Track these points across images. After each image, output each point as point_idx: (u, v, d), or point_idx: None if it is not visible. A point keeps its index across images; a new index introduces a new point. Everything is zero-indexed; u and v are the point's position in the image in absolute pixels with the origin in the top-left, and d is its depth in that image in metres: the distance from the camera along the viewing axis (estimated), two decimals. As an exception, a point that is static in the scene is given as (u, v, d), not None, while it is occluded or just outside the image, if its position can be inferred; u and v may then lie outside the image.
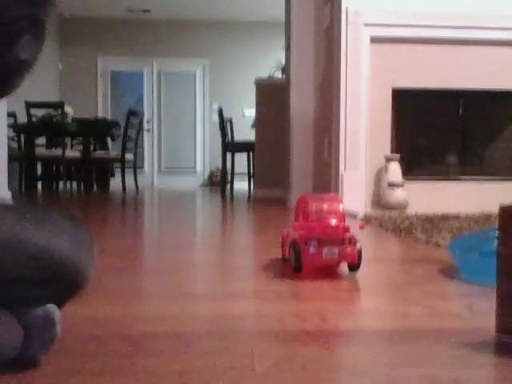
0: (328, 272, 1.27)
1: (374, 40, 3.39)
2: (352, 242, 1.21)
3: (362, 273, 1.29)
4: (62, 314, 0.89)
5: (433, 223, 2.30)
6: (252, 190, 5.91)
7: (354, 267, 1.25)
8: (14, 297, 0.66)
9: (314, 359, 0.68)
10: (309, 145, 4.25)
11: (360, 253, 1.22)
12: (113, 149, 7.21)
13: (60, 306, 0.70)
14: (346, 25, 3.35)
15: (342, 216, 1.27)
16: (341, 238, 1.21)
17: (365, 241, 1.96)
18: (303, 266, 1.21)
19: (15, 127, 6.03)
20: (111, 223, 2.60)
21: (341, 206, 1.28)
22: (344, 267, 1.29)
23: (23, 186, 6.29)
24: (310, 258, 1.20)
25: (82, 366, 0.65)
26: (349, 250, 1.20)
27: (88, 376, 0.62)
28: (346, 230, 1.24)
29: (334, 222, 1.25)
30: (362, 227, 1.32)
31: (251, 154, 6.04)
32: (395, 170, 3.36)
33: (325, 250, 1.19)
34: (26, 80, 0.78)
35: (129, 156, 6.62)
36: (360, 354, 0.71)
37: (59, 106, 5.90)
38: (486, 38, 3.40)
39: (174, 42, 9.23)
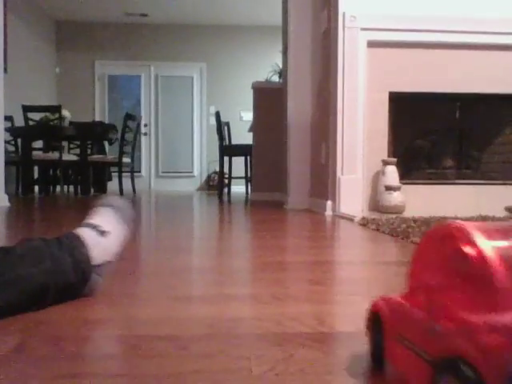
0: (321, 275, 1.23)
1: (371, 44, 3.40)
2: None
3: (358, 275, 1.29)
4: (61, 317, 0.88)
5: (430, 226, 2.30)
6: (249, 194, 5.92)
7: None
8: None
9: (311, 362, 0.68)
10: (306, 148, 4.26)
11: None
12: (110, 152, 7.21)
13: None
14: (343, 29, 3.36)
15: None
16: None
17: (362, 244, 1.96)
18: None
19: (12, 131, 6.03)
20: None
21: None
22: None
23: (20, 190, 6.28)
24: None
25: (78, 369, 0.65)
26: None
27: (85, 379, 0.62)
28: None
29: None
30: None
31: (249, 157, 6.05)
32: (392, 174, 3.36)
33: None
34: (23, 83, 0.88)
35: (126, 159, 6.62)
36: (358, 356, 0.71)
37: (56, 109, 5.90)
38: (482, 43, 3.42)
39: (171, 46, 9.24)
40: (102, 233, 1.03)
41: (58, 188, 6.53)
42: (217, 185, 7.98)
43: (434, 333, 0.51)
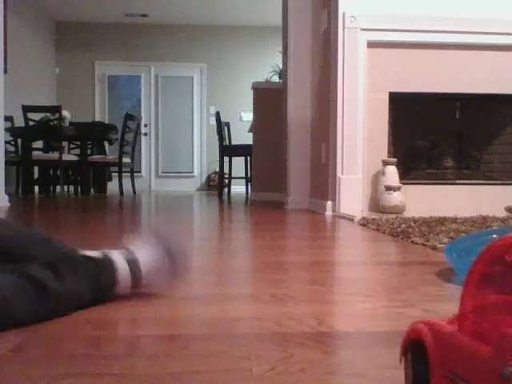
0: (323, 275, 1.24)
1: (371, 44, 3.40)
2: None
3: (358, 275, 1.29)
4: (60, 317, 0.88)
5: (430, 226, 2.30)
6: (249, 194, 5.91)
7: None
8: None
9: (311, 362, 0.68)
10: (306, 148, 4.26)
11: None
12: (110, 153, 7.21)
13: None
14: (343, 29, 3.36)
15: None
16: None
17: (362, 244, 1.96)
18: None
19: (12, 131, 6.03)
20: (108, 226, 2.60)
21: None
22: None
23: (20, 190, 6.28)
24: None
25: (78, 369, 0.65)
26: None
27: (85, 379, 0.62)
28: None
29: None
30: None
31: (249, 157, 6.05)
32: (392, 174, 3.36)
33: None
34: (23, 83, 0.87)
35: (126, 160, 6.62)
36: (357, 356, 0.71)
37: (56, 109, 5.90)
38: (482, 43, 3.42)
39: (171, 47, 9.24)
40: (138, 282, 0.97)
41: (58, 188, 6.52)
42: (217, 185, 7.97)
43: (508, 378, 0.38)
